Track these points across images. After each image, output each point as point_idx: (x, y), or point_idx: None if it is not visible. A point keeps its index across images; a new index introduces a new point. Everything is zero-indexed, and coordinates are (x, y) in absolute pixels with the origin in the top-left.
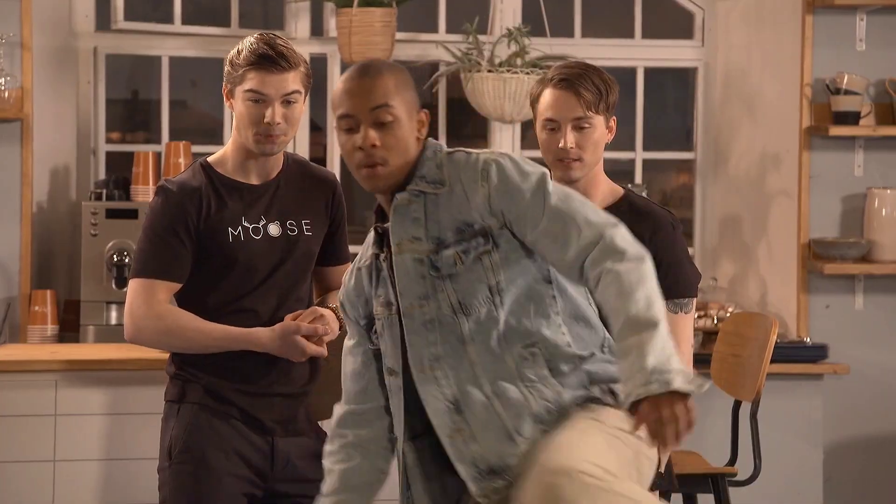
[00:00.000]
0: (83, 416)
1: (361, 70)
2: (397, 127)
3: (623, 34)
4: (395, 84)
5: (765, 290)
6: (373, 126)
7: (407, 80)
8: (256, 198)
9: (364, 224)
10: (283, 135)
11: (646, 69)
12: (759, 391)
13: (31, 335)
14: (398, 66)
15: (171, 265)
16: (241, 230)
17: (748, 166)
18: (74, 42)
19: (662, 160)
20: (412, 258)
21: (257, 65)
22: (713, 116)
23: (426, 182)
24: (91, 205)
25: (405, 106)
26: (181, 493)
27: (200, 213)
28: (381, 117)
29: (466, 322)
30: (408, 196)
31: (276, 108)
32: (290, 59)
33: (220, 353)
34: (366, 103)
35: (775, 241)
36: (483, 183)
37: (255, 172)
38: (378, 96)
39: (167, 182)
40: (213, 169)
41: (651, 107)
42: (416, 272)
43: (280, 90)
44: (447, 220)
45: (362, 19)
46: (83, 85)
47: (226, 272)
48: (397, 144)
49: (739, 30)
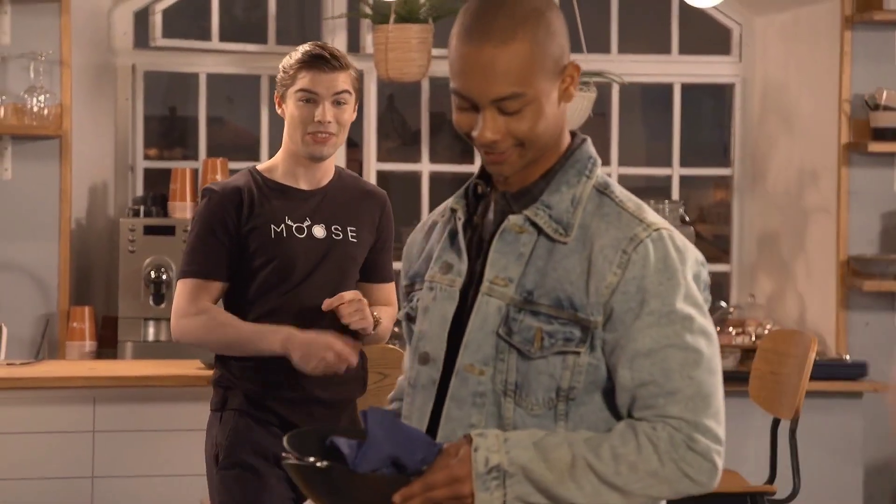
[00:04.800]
0: (121, 433)
1: (486, 24)
2: (533, 112)
3: (660, 50)
4: (532, 49)
5: (803, 308)
6: (498, 111)
7: (549, 26)
8: (303, 201)
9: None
10: (334, 135)
11: (682, 85)
12: (798, 409)
13: (70, 351)
14: (537, 7)
15: (212, 265)
16: (285, 228)
17: (786, 182)
18: (113, 59)
19: (699, 176)
20: (496, 307)
21: (308, 63)
22: (751, 132)
23: (549, 217)
24: (129, 221)
25: (546, 76)
26: (230, 497)
27: (241, 211)
28: (507, 107)
29: (513, 411)
30: (522, 221)
31: (327, 107)
32: (341, 60)
33: (259, 360)
34: (486, 89)
35: (814, 258)
36: (618, 268)
37: (305, 178)
38: (506, 81)
39: (213, 185)
40: (262, 174)
41: (688, 122)
42: (493, 324)
43: (331, 89)
44: (551, 282)
45: (399, 35)
46: (121, 102)
47: (266, 266)
48: (532, 132)
49: (777, 45)
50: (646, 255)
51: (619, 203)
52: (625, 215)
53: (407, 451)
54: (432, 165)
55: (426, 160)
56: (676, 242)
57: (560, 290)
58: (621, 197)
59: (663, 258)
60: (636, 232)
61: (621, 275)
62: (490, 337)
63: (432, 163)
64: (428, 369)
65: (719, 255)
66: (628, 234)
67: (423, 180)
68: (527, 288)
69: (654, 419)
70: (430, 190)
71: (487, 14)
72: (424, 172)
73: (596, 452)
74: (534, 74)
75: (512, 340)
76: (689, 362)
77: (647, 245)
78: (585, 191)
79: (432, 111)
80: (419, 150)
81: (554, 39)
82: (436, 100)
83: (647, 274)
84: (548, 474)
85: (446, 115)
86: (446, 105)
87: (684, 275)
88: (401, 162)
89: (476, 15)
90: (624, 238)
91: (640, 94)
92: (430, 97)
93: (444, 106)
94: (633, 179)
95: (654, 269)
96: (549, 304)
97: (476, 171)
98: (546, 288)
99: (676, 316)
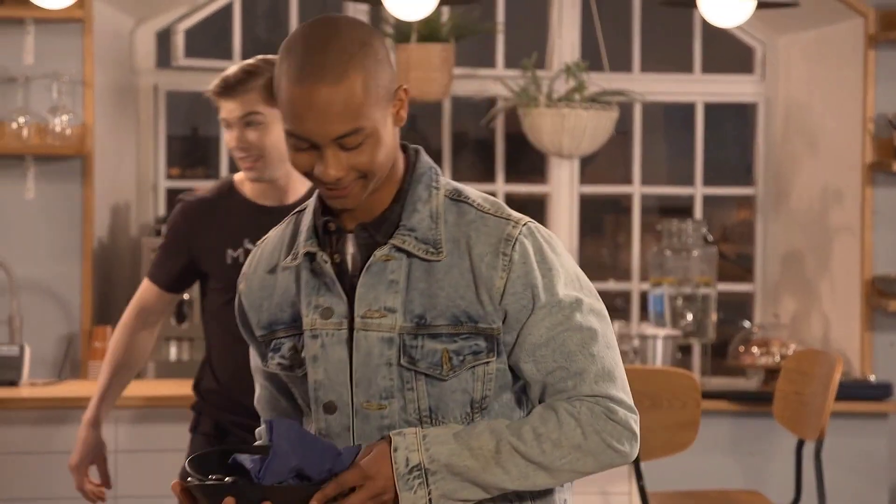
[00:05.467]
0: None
1: (317, 63)
2: (373, 144)
3: (682, 69)
4: (365, 82)
5: (827, 328)
6: (339, 148)
7: (377, 55)
8: (266, 217)
9: None
10: (254, 158)
11: (705, 104)
12: (822, 430)
13: (92, 371)
14: (361, 39)
15: (164, 274)
16: (243, 252)
17: (810, 202)
18: (135, 79)
19: (722, 196)
20: (379, 337)
21: (214, 91)
22: (774, 151)
23: (416, 240)
24: (151, 241)
25: (381, 105)
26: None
27: (205, 231)
28: (348, 143)
29: None
30: (387, 253)
31: (238, 132)
32: (240, 84)
33: (225, 385)
34: (325, 129)
35: (838, 278)
36: (503, 271)
37: (268, 194)
38: (345, 119)
39: (186, 195)
40: (236, 187)
41: (710, 141)
42: (382, 357)
43: (234, 113)
44: (442, 301)
45: (420, 55)
46: (144, 121)
47: (218, 291)
48: (373, 163)
49: (800, 64)
50: (524, 251)
51: (479, 207)
52: (489, 218)
53: (313, 462)
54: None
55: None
56: (542, 232)
57: (454, 307)
58: (477, 200)
59: (539, 250)
60: (508, 231)
61: (507, 276)
62: (383, 370)
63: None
64: (337, 417)
65: (743, 274)
66: (501, 235)
67: None
68: (416, 313)
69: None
70: None
71: (315, 53)
72: None
73: (518, 435)
74: (370, 107)
75: (418, 367)
76: (586, 341)
77: (522, 242)
78: (440, 202)
79: (454, 130)
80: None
81: (383, 67)
82: (457, 119)
83: (530, 269)
84: (472, 463)
85: (468, 135)
86: (468, 124)
87: (560, 261)
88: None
89: (303, 55)
90: (499, 240)
91: (663, 113)
92: (452, 116)
93: (465, 125)
94: (656, 199)
95: (535, 263)
96: (447, 322)
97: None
98: (439, 309)
99: (564, 302)
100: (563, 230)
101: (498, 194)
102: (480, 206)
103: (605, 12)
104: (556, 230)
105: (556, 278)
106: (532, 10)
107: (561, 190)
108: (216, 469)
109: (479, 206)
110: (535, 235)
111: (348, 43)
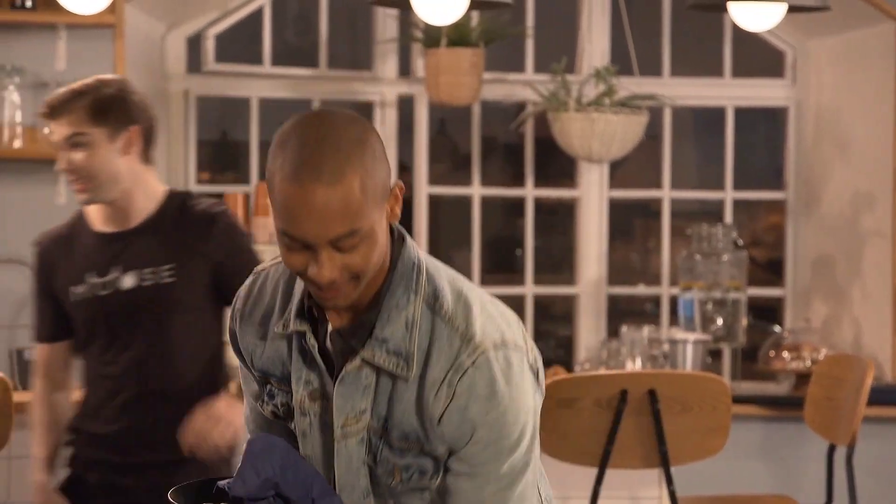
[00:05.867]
0: None
1: (314, 163)
2: (368, 244)
3: (713, 73)
4: (363, 182)
5: (859, 332)
6: (334, 249)
7: (374, 152)
8: (109, 245)
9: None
10: (84, 181)
11: (735, 108)
12: (854, 435)
13: None
14: (358, 136)
15: (43, 328)
16: (88, 286)
17: (841, 206)
18: (166, 84)
19: (752, 200)
20: (357, 440)
21: (43, 115)
22: (805, 156)
23: (387, 352)
24: None
25: (377, 203)
26: None
27: (58, 268)
28: (344, 245)
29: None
30: (357, 365)
31: (63, 154)
32: (66, 104)
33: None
34: (321, 231)
35: (869, 282)
36: (447, 399)
37: (111, 220)
38: (342, 221)
39: (40, 237)
40: (84, 217)
41: (741, 146)
42: (360, 460)
43: (58, 135)
44: (398, 413)
45: (450, 59)
46: (174, 126)
47: (80, 333)
48: (367, 265)
49: (831, 68)
50: (471, 384)
51: (450, 321)
52: (454, 339)
53: (294, 483)
54: (483, 189)
55: (477, 184)
56: (499, 363)
57: (405, 424)
58: (451, 311)
59: (489, 384)
60: (461, 360)
61: (447, 405)
62: (361, 471)
63: (483, 186)
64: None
65: (773, 279)
66: (454, 361)
67: (473, 204)
68: (381, 415)
69: None
70: (482, 213)
71: (311, 151)
72: (475, 196)
73: None
74: (367, 207)
75: (377, 472)
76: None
77: (470, 374)
78: (417, 310)
79: (483, 135)
80: (470, 174)
81: (380, 164)
82: (487, 123)
83: (471, 404)
84: None
85: (498, 139)
86: (497, 129)
87: (511, 396)
88: (452, 185)
89: (299, 152)
90: (450, 366)
91: (693, 117)
92: (482, 121)
93: (495, 130)
94: (686, 203)
95: (480, 398)
96: (399, 436)
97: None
98: (395, 420)
99: (503, 446)
100: (592, 235)
101: (527, 199)
102: (452, 320)
103: (635, 16)
104: (586, 235)
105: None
106: (562, 14)
107: (590, 194)
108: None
109: (450, 319)
110: (489, 365)
111: (346, 140)
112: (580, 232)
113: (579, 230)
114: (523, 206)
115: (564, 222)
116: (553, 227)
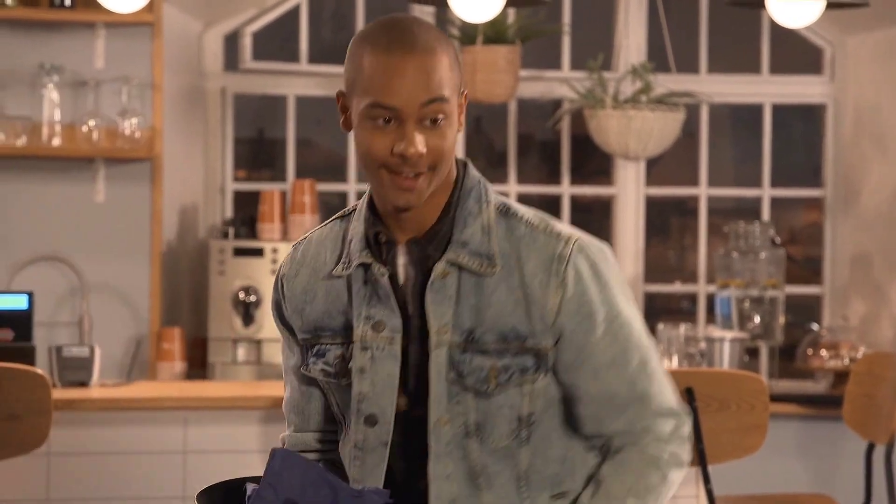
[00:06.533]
0: (212, 453)
1: (406, 37)
2: (448, 126)
3: (750, 70)
4: (451, 64)
5: None
6: (419, 124)
7: (455, 52)
8: None
9: None
10: None
11: (773, 105)
12: (893, 433)
13: (161, 372)
14: (439, 30)
15: None
16: None
17: (879, 203)
18: (203, 82)
19: (791, 197)
20: (446, 349)
21: None
22: (843, 153)
23: (470, 254)
24: (218, 243)
25: (456, 92)
26: None
27: None
28: (433, 114)
29: (478, 451)
30: (444, 268)
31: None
32: None
33: None
34: (418, 93)
35: None
36: (559, 288)
37: None
38: (435, 85)
39: None
40: None
41: (778, 143)
42: (448, 368)
43: None
44: (490, 317)
45: (486, 57)
46: (212, 124)
47: None
48: (445, 151)
49: (869, 65)
50: (577, 270)
51: (528, 223)
52: (539, 235)
53: (312, 499)
54: (519, 186)
55: (513, 181)
56: (593, 247)
57: (501, 324)
58: (526, 215)
59: (591, 266)
60: (559, 251)
61: (562, 295)
62: (446, 386)
63: (519, 184)
64: (376, 431)
65: (811, 276)
66: (552, 253)
67: None
68: (465, 328)
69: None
70: None
71: (403, 30)
72: (512, 193)
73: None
74: (452, 86)
75: (465, 383)
76: (644, 359)
77: (574, 260)
78: (490, 216)
79: (519, 132)
80: (506, 172)
81: (459, 64)
82: (523, 121)
83: (585, 288)
84: None
85: (534, 136)
86: (533, 126)
87: (612, 276)
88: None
89: (389, 32)
90: (550, 259)
91: (730, 115)
92: (518, 118)
93: (531, 127)
94: (723, 200)
95: (590, 281)
96: (495, 339)
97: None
98: (487, 324)
99: (623, 319)
100: (628, 232)
101: (563, 196)
102: (529, 222)
103: (672, 13)
104: (622, 232)
105: (611, 293)
106: (598, 12)
107: (627, 192)
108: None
109: (528, 221)
110: (585, 251)
111: (433, 29)
112: (616, 229)
113: (616, 228)
114: (559, 204)
115: (601, 220)
116: (589, 224)
